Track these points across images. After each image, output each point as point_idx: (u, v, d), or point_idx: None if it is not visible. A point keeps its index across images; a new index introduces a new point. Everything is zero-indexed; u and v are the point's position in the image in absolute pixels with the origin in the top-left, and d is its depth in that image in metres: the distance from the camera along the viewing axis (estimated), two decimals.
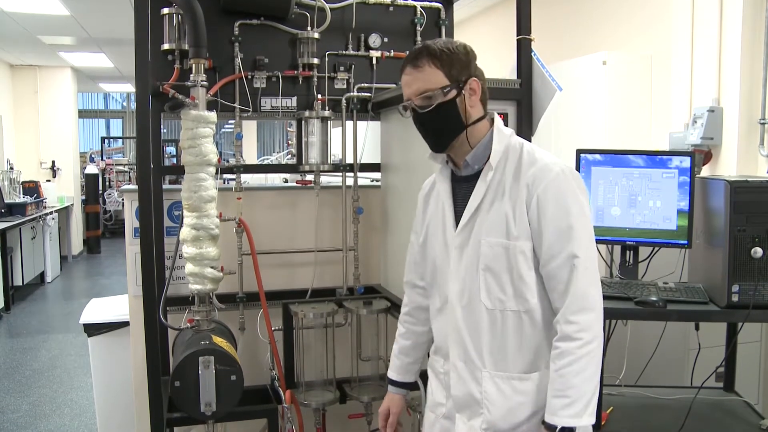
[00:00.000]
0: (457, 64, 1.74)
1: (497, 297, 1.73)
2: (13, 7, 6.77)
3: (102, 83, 13.40)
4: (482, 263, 1.74)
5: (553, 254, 1.66)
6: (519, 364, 1.75)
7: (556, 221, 1.66)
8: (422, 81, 1.75)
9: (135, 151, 13.22)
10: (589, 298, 1.64)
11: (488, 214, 1.74)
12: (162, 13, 2.82)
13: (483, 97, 1.80)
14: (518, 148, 1.76)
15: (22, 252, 8.13)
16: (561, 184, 1.67)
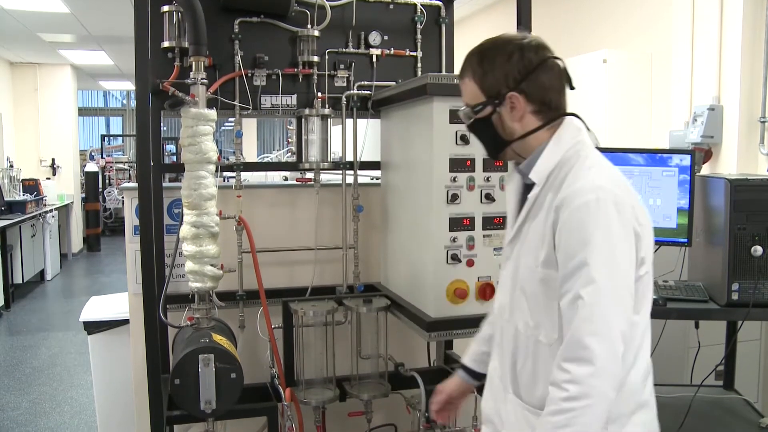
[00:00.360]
0: (494, 76, 1.61)
1: (526, 321, 1.63)
2: (13, 4, 6.77)
3: (102, 81, 13.40)
4: (519, 283, 1.66)
5: (565, 291, 1.49)
6: (534, 398, 1.63)
7: (569, 256, 1.48)
8: (464, 94, 1.68)
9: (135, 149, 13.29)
10: (587, 348, 1.41)
11: (528, 233, 1.63)
12: (162, 10, 2.82)
13: (539, 107, 1.61)
14: (572, 162, 1.58)
15: (22, 250, 8.14)
16: (587, 214, 1.47)
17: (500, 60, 1.60)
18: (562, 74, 1.63)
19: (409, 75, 3.15)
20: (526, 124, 1.62)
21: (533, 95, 1.60)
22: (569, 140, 1.61)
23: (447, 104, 2.40)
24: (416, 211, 2.63)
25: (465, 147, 2.42)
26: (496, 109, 1.62)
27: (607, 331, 1.42)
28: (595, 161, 1.58)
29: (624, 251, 1.48)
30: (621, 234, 1.47)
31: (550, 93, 1.62)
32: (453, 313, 2.47)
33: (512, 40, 1.62)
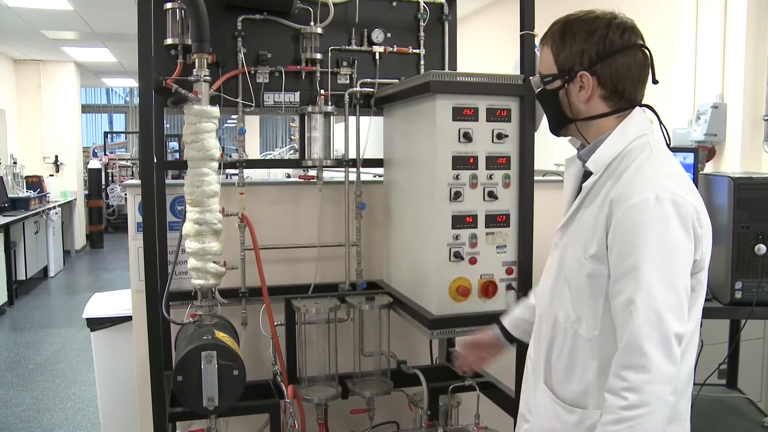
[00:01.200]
0: (568, 51, 1.56)
1: (567, 312, 1.60)
2: (17, 1, 6.79)
3: (105, 78, 13.42)
4: (564, 272, 1.62)
5: (617, 292, 1.45)
6: (567, 392, 1.61)
7: (622, 256, 1.43)
8: (540, 61, 1.64)
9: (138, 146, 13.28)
10: (644, 355, 1.38)
11: (579, 222, 1.59)
12: (165, 8, 2.81)
13: (609, 94, 1.56)
14: (636, 154, 1.52)
15: (26, 246, 8.16)
16: (643, 213, 1.41)
17: (581, 35, 1.55)
18: (645, 64, 1.58)
19: (412, 72, 3.14)
20: (592, 107, 1.58)
21: (606, 80, 1.55)
22: (635, 132, 1.56)
23: (450, 102, 2.39)
24: (419, 208, 2.63)
25: (468, 144, 2.42)
26: (565, 85, 1.58)
27: (663, 336, 1.38)
28: (659, 157, 1.52)
29: (680, 253, 1.43)
30: (679, 235, 1.42)
31: (624, 81, 1.56)
32: (455, 311, 2.47)
33: (600, 17, 1.57)
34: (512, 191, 2.53)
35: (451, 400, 2.84)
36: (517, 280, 2.56)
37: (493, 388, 2.81)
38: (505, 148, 2.49)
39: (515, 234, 2.54)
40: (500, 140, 2.47)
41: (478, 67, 6.63)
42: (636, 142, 1.54)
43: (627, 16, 1.60)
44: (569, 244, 1.62)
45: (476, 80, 2.43)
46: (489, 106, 2.45)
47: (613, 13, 1.59)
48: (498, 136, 2.47)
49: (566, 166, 1.79)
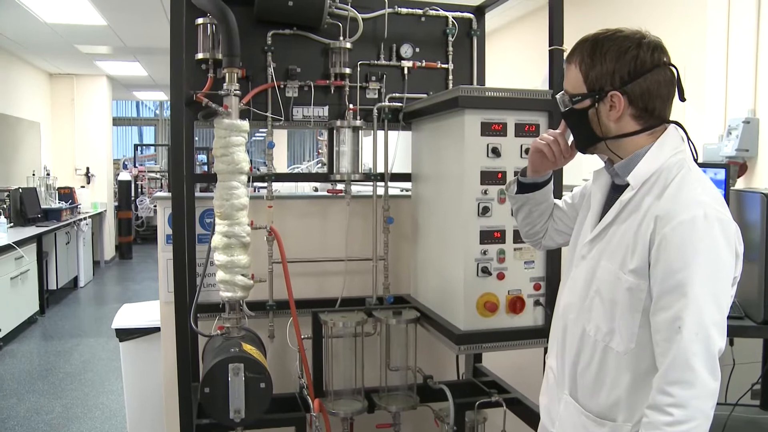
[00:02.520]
0: (601, 70, 1.55)
1: (598, 325, 1.59)
2: (53, 18, 6.96)
3: (136, 91, 13.61)
4: (595, 285, 1.61)
5: (661, 307, 1.45)
6: (595, 404, 1.61)
7: (670, 272, 1.43)
8: (567, 80, 1.63)
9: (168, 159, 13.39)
10: (692, 371, 1.38)
11: (615, 236, 1.58)
12: (196, 23, 2.85)
13: (640, 112, 1.56)
14: (675, 171, 1.52)
15: (57, 257, 8.28)
16: (692, 231, 1.42)
17: (612, 55, 1.55)
18: (672, 82, 1.58)
19: (440, 87, 3.15)
20: (622, 126, 1.58)
21: (637, 99, 1.55)
22: (672, 149, 1.57)
23: (478, 117, 2.40)
24: (447, 223, 2.62)
25: (496, 159, 2.42)
26: (595, 105, 1.58)
27: (709, 352, 1.40)
28: (697, 175, 1.53)
29: (726, 270, 1.45)
30: (724, 253, 1.44)
31: (655, 100, 1.56)
32: (483, 326, 2.46)
33: (630, 37, 1.56)
34: None
35: (478, 415, 2.82)
36: (545, 296, 2.54)
37: (520, 404, 2.79)
38: None
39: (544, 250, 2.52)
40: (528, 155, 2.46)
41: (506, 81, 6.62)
42: (672, 159, 1.55)
43: (654, 34, 1.60)
44: (602, 257, 1.61)
45: (505, 95, 2.43)
46: (517, 121, 2.45)
47: (641, 31, 1.59)
48: (526, 151, 2.45)
49: (594, 179, 1.79)
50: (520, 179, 1.97)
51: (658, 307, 1.46)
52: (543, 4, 2.78)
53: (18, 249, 6.56)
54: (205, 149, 14.00)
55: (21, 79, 9.42)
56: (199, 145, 14.22)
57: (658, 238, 1.45)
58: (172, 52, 2.49)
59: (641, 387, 1.52)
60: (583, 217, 1.79)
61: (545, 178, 1.95)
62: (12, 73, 9.08)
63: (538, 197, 1.96)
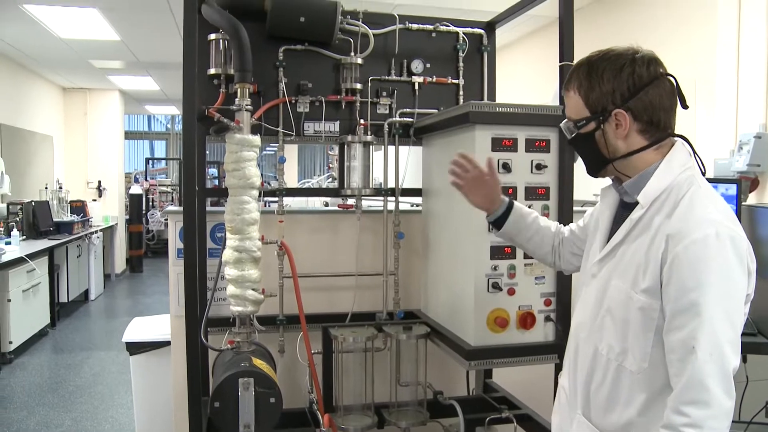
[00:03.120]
0: (601, 90, 1.56)
1: (610, 344, 1.59)
2: (68, 34, 7.05)
3: (147, 105, 13.71)
4: (606, 304, 1.61)
5: (675, 327, 1.43)
6: (608, 424, 1.60)
7: (683, 291, 1.42)
8: (568, 107, 1.64)
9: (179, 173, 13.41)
10: (707, 391, 1.37)
11: (625, 255, 1.58)
12: (209, 38, 2.87)
13: (645, 126, 1.57)
14: (684, 188, 1.52)
15: (68, 270, 8.32)
16: (705, 250, 1.41)
17: (609, 74, 1.56)
18: (673, 92, 1.58)
19: (451, 102, 3.16)
20: (630, 143, 1.58)
21: (641, 114, 1.55)
22: (680, 165, 1.56)
23: (489, 132, 2.40)
24: (457, 238, 2.62)
25: (507, 175, 2.42)
26: (601, 126, 1.58)
27: (724, 372, 1.39)
28: (708, 192, 1.52)
29: (738, 289, 1.43)
30: (737, 271, 1.42)
31: (659, 112, 1.56)
32: (493, 342, 2.45)
33: (623, 54, 1.58)
34: None
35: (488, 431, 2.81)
36: (556, 312, 2.54)
37: (531, 421, 2.77)
38: (544, 178, 2.48)
39: None
40: (539, 171, 2.47)
41: (516, 96, 6.63)
42: (681, 175, 1.54)
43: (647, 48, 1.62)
44: (612, 276, 1.60)
45: (515, 111, 2.43)
46: (528, 137, 2.45)
47: (633, 47, 1.60)
48: (537, 166, 2.46)
49: (602, 197, 1.79)
50: (487, 219, 2.09)
51: (671, 326, 1.45)
52: (553, 19, 2.79)
53: (30, 262, 6.59)
54: (215, 163, 14.09)
55: (35, 93, 9.52)
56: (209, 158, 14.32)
57: (670, 257, 1.44)
58: (184, 68, 2.51)
59: (655, 406, 1.50)
60: (593, 236, 1.79)
61: (502, 209, 2.04)
62: (27, 88, 9.18)
63: (512, 228, 2.03)
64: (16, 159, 8.55)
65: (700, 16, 4.49)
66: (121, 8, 6.12)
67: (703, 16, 4.45)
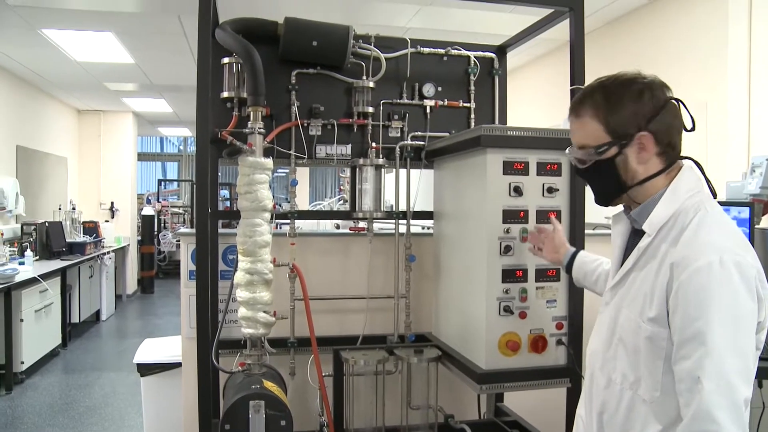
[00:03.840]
0: (622, 115, 1.55)
1: (623, 373, 1.57)
2: (84, 57, 7.15)
3: (160, 127, 13.82)
4: (618, 332, 1.60)
5: (682, 356, 1.41)
6: None
7: (689, 320, 1.40)
8: (580, 134, 1.62)
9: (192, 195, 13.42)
10: (715, 422, 1.34)
11: (634, 283, 1.57)
12: (222, 62, 2.90)
13: (665, 149, 1.57)
14: (691, 214, 1.50)
15: (80, 290, 8.35)
16: (709, 277, 1.39)
17: (629, 98, 1.55)
18: (679, 115, 1.59)
19: (462, 126, 3.18)
20: (648, 168, 1.57)
21: (662, 135, 1.55)
22: (687, 191, 1.55)
23: (501, 156, 2.41)
24: (469, 261, 2.62)
25: (518, 198, 2.42)
26: (622, 150, 1.56)
27: (733, 402, 1.36)
28: (716, 217, 1.50)
29: (746, 316, 1.40)
30: (744, 298, 1.39)
31: (674, 133, 1.57)
32: (505, 366, 2.44)
33: (637, 78, 1.58)
34: None
35: None
36: (568, 335, 2.52)
37: None
38: (556, 202, 2.48)
39: (565, 288, 2.51)
40: (551, 194, 2.47)
41: (527, 118, 6.65)
42: (688, 201, 1.53)
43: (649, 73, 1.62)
44: (623, 304, 1.60)
45: (526, 134, 2.44)
46: (539, 160, 2.46)
47: (638, 71, 1.61)
48: (548, 190, 2.46)
49: (613, 223, 1.78)
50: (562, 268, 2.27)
51: (678, 356, 1.43)
52: (564, 42, 2.81)
53: (43, 282, 6.63)
54: (227, 185, 14.14)
55: (51, 115, 9.63)
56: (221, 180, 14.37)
57: (675, 285, 1.43)
58: (198, 91, 2.54)
59: None
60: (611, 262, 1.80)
61: (567, 258, 2.21)
62: (43, 110, 9.28)
63: (578, 274, 2.18)
64: (31, 180, 8.63)
65: (710, 39, 4.50)
66: (136, 32, 6.20)
67: (713, 38, 4.46)
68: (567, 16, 2.77)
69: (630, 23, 5.46)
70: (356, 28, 3.00)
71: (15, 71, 8.01)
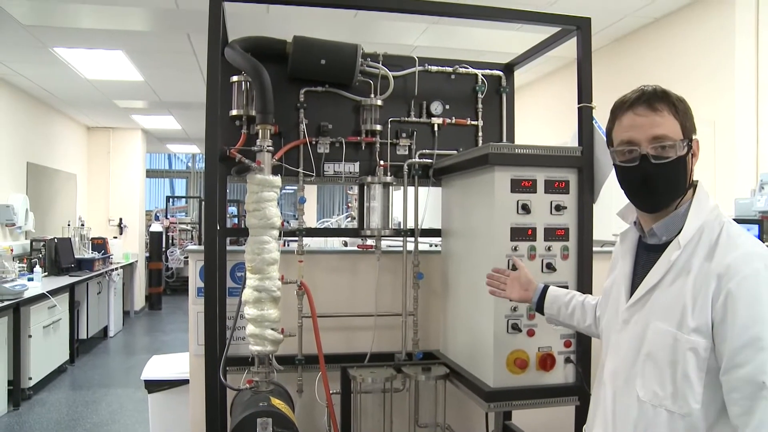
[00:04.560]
0: (691, 119, 1.60)
1: (653, 390, 1.53)
2: (94, 75, 7.22)
3: (169, 144, 13.89)
4: (645, 348, 1.56)
5: (737, 364, 1.39)
6: None
7: (743, 327, 1.39)
8: (662, 127, 1.57)
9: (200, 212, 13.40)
10: None
11: (664, 297, 1.55)
12: (231, 80, 2.92)
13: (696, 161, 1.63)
14: (717, 228, 1.52)
15: (88, 306, 8.36)
16: (757, 283, 1.40)
17: (684, 105, 1.61)
18: None
19: (470, 144, 3.19)
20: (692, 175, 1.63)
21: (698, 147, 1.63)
22: (708, 205, 1.58)
23: (508, 173, 2.42)
24: (477, 279, 2.62)
25: (526, 216, 2.43)
26: (690, 152, 1.60)
27: None
28: (741, 229, 1.54)
29: None
30: None
31: None
32: (513, 384, 2.43)
33: None
34: (570, 263, 2.52)
35: None
36: (576, 353, 2.51)
37: None
38: (564, 219, 2.49)
39: None
40: (559, 212, 2.47)
41: (535, 135, 6.66)
42: (711, 215, 1.56)
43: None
44: (650, 319, 1.57)
45: (534, 152, 2.45)
46: (547, 178, 2.46)
47: None
48: (556, 207, 2.47)
49: (620, 241, 1.77)
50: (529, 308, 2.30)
51: (732, 364, 1.40)
52: (572, 60, 2.82)
53: (51, 298, 6.64)
54: (235, 201, 14.18)
55: (61, 132, 9.70)
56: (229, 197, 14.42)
57: (723, 295, 1.42)
58: (207, 109, 2.56)
59: None
60: (611, 282, 1.77)
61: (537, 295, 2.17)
62: (53, 127, 9.36)
63: (551, 310, 2.14)
64: (41, 196, 8.68)
65: (717, 56, 4.51)
66: (146, 50, 6.26)
67: (720, 55, 4.47)
68: (574, 34, 2.78)
69: (637, 41, 5.48)
70: (364, 47, 3.02)
71: (27, 89, 8.09)
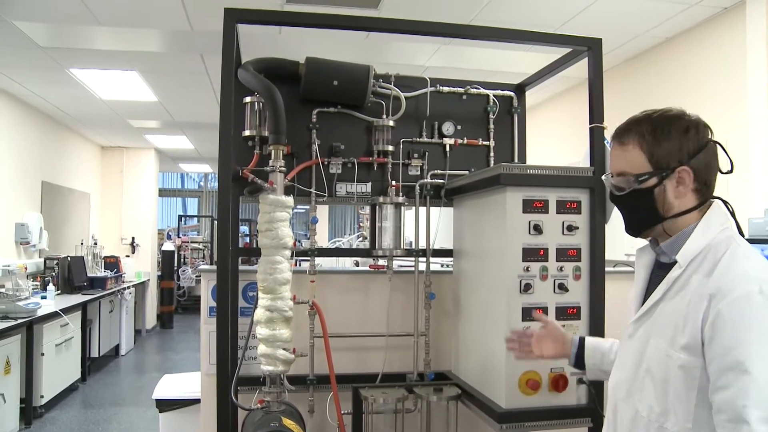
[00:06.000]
0: (667, 147, 1.57)
1: (650, 405, 1.55)
2: (109, 95, 7.32)
3: (182, 164, 13.98)
4: (645, 364, 1.58)
5: (721, 386, 1.39)
6: None
7: (727, 350, 1.39)
8: (623, 161, 1.63)
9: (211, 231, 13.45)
10: None
11: (663, 314, 1.56)
12: (244, 101, 2.95)
13: (701, 186, 1.59)
14: (723, 248, 1.52)
15: (100, 324, 8.39)
16: (748, 306, 1.39)
17: (676, 132, 1.58)
18: (718, 156, 1.62)
19: (481, 164, 3.19)
20: (683, 203, 1.59)
21: (701, 173, 1.58)
22: (719, 226, 1.57)
23: (520, 194, 2.42)
24: (489, 299, 2.62)
25: (538, 236, 2.42)
26: (662, 182, 1.59)
27: None
28: (747, 251, 1.52)
29: None
30: None
31: (711, 173, 1.60)
32: (525, 405, 2.42)
33: (684, 115, 1.61)
34: (583, 283, 2.51)
35: None
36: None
37: None
38: (576, 239, 2.48)
39: (586, 326, 2.50)
40: (571, 232, 2.47)
41: (546, 155, 6.66)
42: (719, 236, 1.55)
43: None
44: (651, 335, 1.58)
45: (546, 173, 2.45)
46: (559, 198, 2.46)
47: (683, 110, 1.64)
48: (568, 228, 2.47)
49: (637, 257, 1.78)
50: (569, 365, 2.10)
51: (717, 386, 1.40)
52: (583, 80, 2.83)
53: (64, 316, 6.67)
54: (247, 221, 14.23)
55: (75, 151, 9.80)
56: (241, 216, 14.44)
57: (712, 315, 1.42)
58: (221, 130, 2.59)
59: None
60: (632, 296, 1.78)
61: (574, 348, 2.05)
62: (68, 146, 9.46)
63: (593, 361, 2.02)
64: (55, 215, 8.75)
65: (729, 75, 4.51)
66: (160, 71, 6.34)
67: (732, 74, 4.47)
68: (585, 54, 2.79)
69: (648, 60, 5.49)
70: (376, 68, 3.04)
71: (43, 109, 8.19)
